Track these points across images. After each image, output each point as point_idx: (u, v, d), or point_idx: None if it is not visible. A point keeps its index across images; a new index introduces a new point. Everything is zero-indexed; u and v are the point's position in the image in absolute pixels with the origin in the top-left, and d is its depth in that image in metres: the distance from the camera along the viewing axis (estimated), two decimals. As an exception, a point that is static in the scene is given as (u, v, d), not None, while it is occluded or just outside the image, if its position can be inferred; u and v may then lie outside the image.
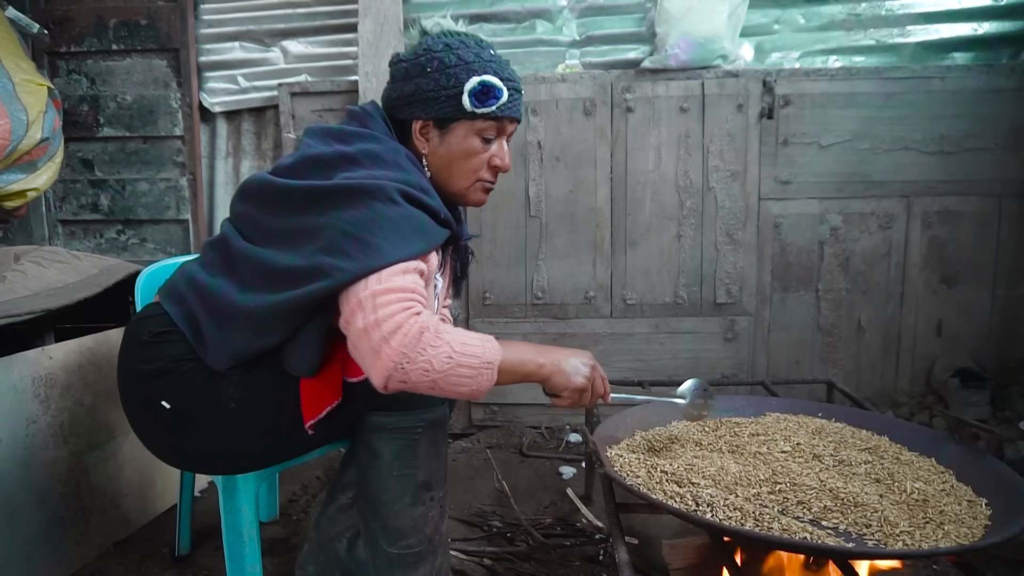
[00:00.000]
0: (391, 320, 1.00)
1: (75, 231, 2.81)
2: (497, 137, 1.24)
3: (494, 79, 1.18)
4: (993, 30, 2.47)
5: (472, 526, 1.84)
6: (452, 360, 1.02)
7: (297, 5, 2.69)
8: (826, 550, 1.03)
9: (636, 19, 2.58)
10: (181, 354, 1.17)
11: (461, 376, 1.03)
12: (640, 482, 1.22)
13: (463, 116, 1.20)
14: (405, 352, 0.99)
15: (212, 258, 1.22)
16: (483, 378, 1.05)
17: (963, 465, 1.31)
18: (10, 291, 1.62)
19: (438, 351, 1.01)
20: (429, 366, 1.01)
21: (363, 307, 1.01)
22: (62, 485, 1.62)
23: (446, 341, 1.02)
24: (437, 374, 1.01)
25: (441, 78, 1.18)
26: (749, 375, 2.50)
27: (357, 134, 1.19)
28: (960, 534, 1.07)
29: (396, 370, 1.00)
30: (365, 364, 1.03)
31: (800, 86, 2.40)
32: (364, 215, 1.06)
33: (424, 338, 1.00)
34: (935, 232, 2.44)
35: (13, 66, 2.17)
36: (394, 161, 1.16)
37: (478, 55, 1.20)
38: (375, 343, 1.00)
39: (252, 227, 1.19)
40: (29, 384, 1.56)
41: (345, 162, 1.14)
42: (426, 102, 1.20)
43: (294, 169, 1.16)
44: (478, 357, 1.04)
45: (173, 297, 1.22)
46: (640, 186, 2.47)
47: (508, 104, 1.21)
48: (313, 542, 1.43)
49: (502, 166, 1.26)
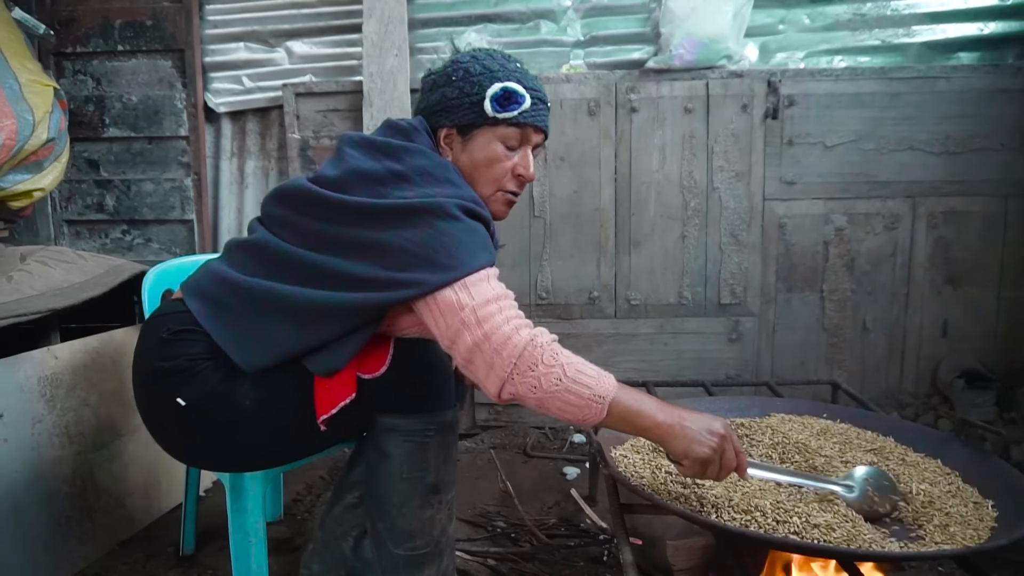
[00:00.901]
0: (498, 332, 1.02)
1: (80, 231, 2.82)
2: (521, 146, 1.24)
3: (516, 86, 1.19)
4: (999, 30, 2.46)
5: (476, 526, 1.84)
6: (561, 384, 1.02)
7: (302, 6, 2.69)
8: (830, 551, 1.02)
9: (640, 19, 2.58)
10: (200, 352, 1.17)
11: (568, 403, 1.03)
12: (645, 482, 1.22)
13: (485, 122, 1.21)
14: (516, 363, 1.01)
15: (243, 260, 1.21)
16: (591, 411, 1.03)
17: (969, 466, 1.31)
18: (16, 291, 1.62)
19: (549, 371, 1.02)
20: (537, 383, 1.02)
21: (467, 325, 1.03)
22: (67, 484, 1.62)
23: (560, 363, 1.02)
24: (544, 394, 1.02)
25: (465, 86, 1.20)
26: (753, 376, 2.49)
27: (406, 149, 1.18)
28: (966, 536, 1.07)
29: (508, 381, 1.02)
30: (480, 376, 1.05)
31: (805, 86, 2.39)
32: (428, 234, 1.07)
33: (535, 352, 1.02)
34: (940, 232, 2.43)
35: (19, 67, 2.17)
36: (445, 177, 1.16)
37: (503, 65, 1.22)
38: (488, 357, 1.02)
39: (292, 230, 1.18)
40: (35, 384, 1.56)
41: (396, 179, 1.14)
42: (450, 109, 1.21)
43: (342, 183, 1.15)
44: (590, 388, 1.03)
45: (199, 295, 1.21)
46: (644, 186, 2.47)
47: (531, 111, 1.21)
48: (318, 541, 1.43)
49: (526, 175, 1.24)
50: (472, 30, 2.63)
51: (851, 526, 1.06)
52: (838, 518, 1.08)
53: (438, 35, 2.67)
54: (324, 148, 2.59)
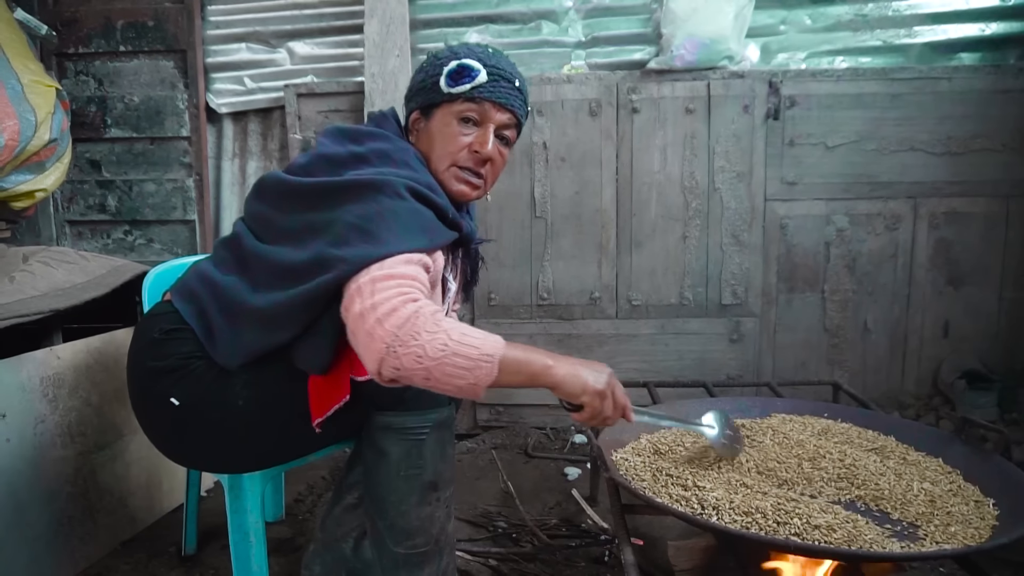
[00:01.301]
0: (387, 303, 0.98)
1: (82, 231, 2.83)
2: (482, 124, 1.22)
3: (472, 61, 1.20)
4: (1000, 30, 2.46)
5: (477, 526, 1.84)
6: (447, 348, 0.97)
7: (303, 6, 2.69)
8: (831, 552, 1.02)
9: (642, 20, 2.58)
10: (191, 352, 1.19)
11: (457, 367, 0.97)
12: (646, 485, 1.22)
13: (442, 99, 1.22)
14: (397, 334, 0.96)
15: (224, 256, 1.24)
16: (481, 371, 0.98)
17: (970, 465, 1.31)
18: (19, 291, 1.63)
19: (434, 337, 0.97)
20: (422, 351, 0.96)
21: (361, 292, 1.01)
22: (70, 484, 1.63)
23: (443, 329, 0.98)
24: (431, 361, 0.96)
25: (428, 67, 1.25)
26: (755, 376, 2.49)
27: (371, 134, 1.23)
28: (967, 535, 1.07)
29: (388, 353, 0.96)
30: (360, 349, 1.01)
31: (806, 87, 2.40)
32: (371, 208, 1.08)
33: (418, 322, 0.97)
34: (942, 233, 2.43)
35: (22, 67, 2.17)
36: (403, 160, 1.18)
37: (469, 48, 1.23)
38: (369, 326, 0.98)
39: (265, 226, 1.21)
40: (37, 384, 1.57)
41: (355, 161, 1.17)
42: (415, 93, 1.26)
43: (308, 167, 1.20)
44: (477, 348, 0.98)
45: (185, 295, 1.23)
46: (646, 187, 2.47)
47: (488, 86, 1.20)
48: (319, 542, 1.44)
49: (481, 151, 1.21)
50: (474, 30, 2.64)
51: (851, 527, 1.06)
52: (839, 519, 1.08)
53: (440, 36, 2.67)
54: (326, 149, 2.59)
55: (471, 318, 2.56)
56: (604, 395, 1.06)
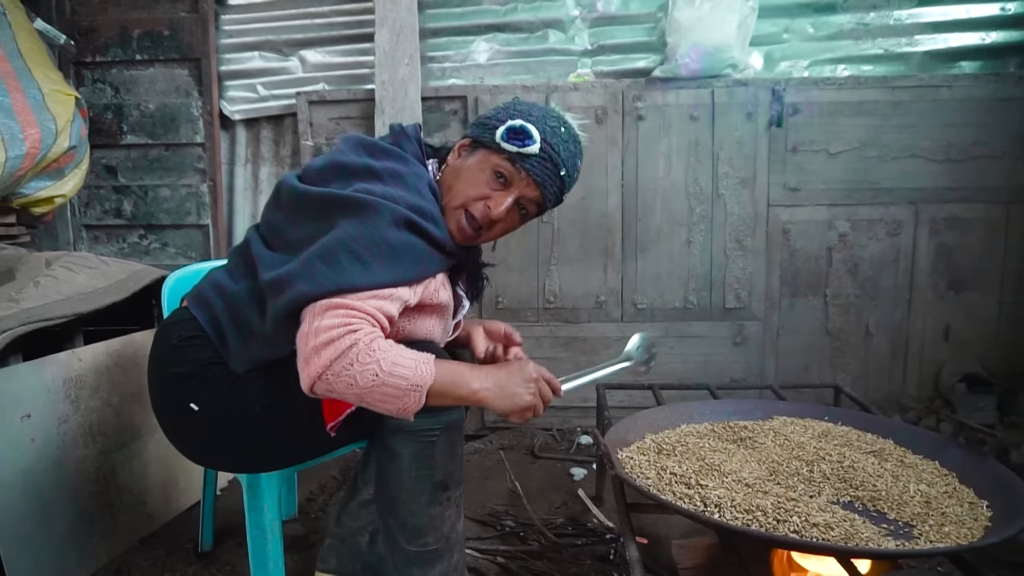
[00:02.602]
0: (326, 333, 1.03)
1: (99, 236, 2.88)
2: (508, 188, 1.24)
3: (534, 129, 1.22)
4: (1001, 39, 2.49)
5: (485, 525, 1.88)
6: (378, 379, 1.03)
7: (315, 15, 2.74)
8: (828, 548, 1.06)
9: (647, 29, 2.62)
10: (209, 358, 1.23)
11: (387, 395, 1.05)
12: (650, 483, 1.26)
13: (490, 145, 1.25)
14: (331, 366, 1.02)
15: (236, 264, 1.28)
16: (409, 399, 1.06)
17: (966, 468, 1.34)
18: (44, 296, 1.68)
19: (365, 368, 1.03)
20: (353, 381, 1.03)
21: (312, 313, 1.06)
22: (91, 483, 1.67)
23: (376, 359, 1.03)
24: (361, 389, 1.04)
25: (501, 113, 1.27)
26: (758, 379, 2.53)
27: (388, 151, 1.25)
28: (960, 535, 1.11)
29: (320, 380, 1.04)
30: (299, 366, 1.06)
31: (809, 94, 2.43)
32: (367, 231, 1.11)
33: (351, 353, 1.02)
34: (943, 239, 2.46)
35: (42, 76, 2.23)
36: (414, 185, 1.21)
37: (543, 116, 1.25)
38: (307, 352, 1.04)
39: (276, 234, 1.24)
40: (60, 385, 1.62)
41: (367, 174, 1.19)
42: (478, 125, 1.30)
43: (322, 172, 1.23)
44: (406, 379, 1.05)
45: (200, 302, 1.28)
46: (651, 193, 2.51)
47: (535, 159, 1.22)
48: (335, 536, 1.47)
49: (492, 209, 1.23)
50: (481, 39, 2.68)
51: (848, 525, 1.10)
52: (836, 518, 1.12)
53: (448, 44, 2.72)
54: (337, 155, 2.64)
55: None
56: (529, 407, 1.16)
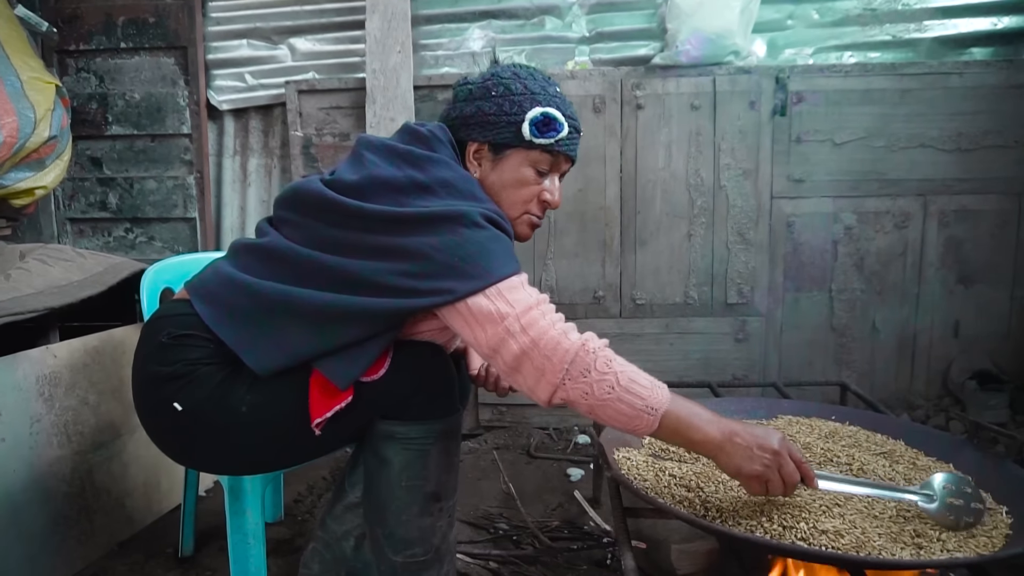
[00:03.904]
0: (546, 337, 1.01)
1: (84, 229, 2.82)
2: (550, 172, 1.24)
3: (557, 113, 1.19)
4: (1013, 24, 2.42)
5: (478, 528, 1.82)
6: (613, 393, 1.00)
7: (304, 2, 2.68)
8: (838, 559, 1.00)
9: (646, 15, 2.55)
10: (199, 357, 1.16)
11: (619, 412, 1.01)
12: (648, 486, 1.20)
13: (520, 144, 1.20)
14: (567, 369, 1.00)
15: (251, 263, 1.19)
16: (642, 422, 1.02)
17: (982, 471, 1.28)
18: (14, 289, 1.62)
19: (603, 378, 1.00)
20: (589, 390, 1.01)
21: (512, 334, 1.02)
22: (66, 484, 1.61)
23: (613, 371, 1.01)
24: (596, 400, 1.01)
25: (505, 103, 1.19)
26: (761, 376, 2.46)
27: (429, 159, 1.16)
28: (979, 543, 1.04)
29: (559, 387, 1.01)
30: (529, 383, 1.04)
31: (814, 82, 2.36)
32: (453, 241, 1.06)
33: (586, 360, 1.01)
34: (952, 231, 2.39)
35: (21, 64, 2.17)
36: (469, 191, 1.15)
37: (544, 88, 1.21)
38: (537, 363, 1.01)
39: (305, 234, 1.16)
40: (33, 383, 1.56)
41: (418, 190, 1.12)
42: (485, 125, 1.20)
43: (361, 190, 1.13)
44: (643, 399, 1.01)
45: (207, 298, 1.18)
46: (650, 184, 2.44)
47: (567, 140, 1.21)
48: (319, 541, 1.41)
49: (552, 202, 1.25)
50: (476, 26, 2.61)
51: (860, 532, 1.03)
52: (846, 524, 1.05)
53: (442, 31, 2.65)
54: (327, 145, 2.58)
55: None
56: (763, 478, 1.01)
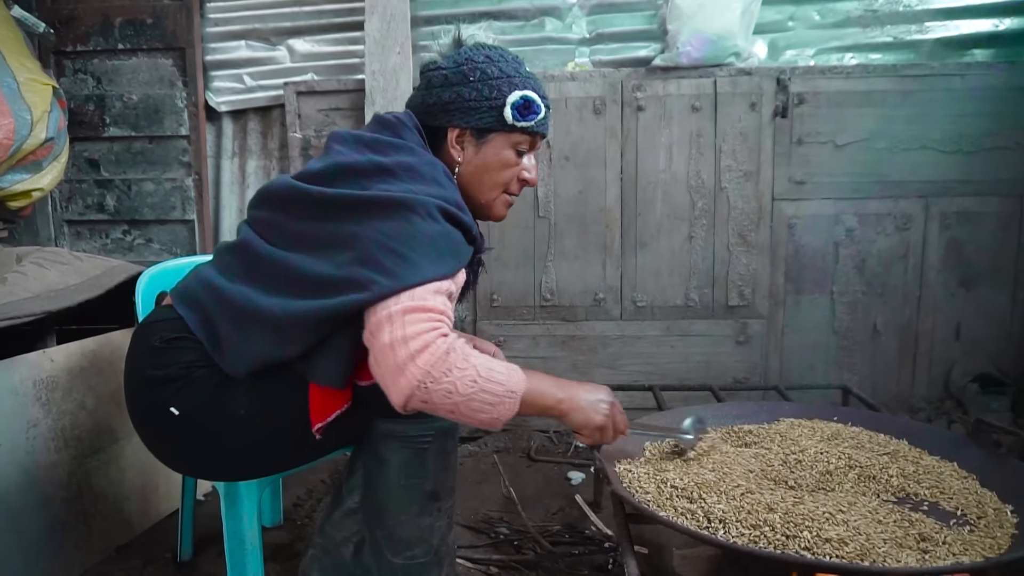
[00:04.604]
0: (419, 338, 0.99)
1: (81, 231, 2.81)
2: (528, 151, 1.28)
3: (534, 95, 1.22)
4: (1015, 26, 2.41)
5: (478, 533, 1.81)
6: (476, 385, 1.01)
7: (303, 3, 2.66)
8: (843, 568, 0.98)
9: (647, 16, 2.54)
10: (192, 360, 1.15)
11: (483, 402, 1.02)
12: (650, 498, 1.18)
13: (502, 128, 1.23)
14: (430, 371, 0.98)
15: (229, 262, 1.20)
16: (504, 407, 1.04)
17: (986, 469, 1.28)
18: (10, 293, 1.60)
19: (464, 373, 1.00)
20: (453, 388, 1.00)
21: (392, 321, 1.00)
22: (63, 489, 1.60)
23: (472, 365, 1.02)
24: (460, 397, 1.00)
25: (484, 88, 1.21)
26: (762, 379, 2.45)
27: (392, 144, 1.18)
28: (986, 546, 1.03)
29: (419, 389, 0.99)
30: (386, 381, 1.01)
31: (815, 84, 2.35)
32: (403, 229, 1.06)
33: (450, 359, 1.00)
34: (954, 233, 2.38)
35: (18, 65, 2.15)
36: (432, 176, 1.15)
37: (517, 70, 1.25)
38: (400, 360, 0.98)
39: (276, 231, 1.17)
40: (30, 387, 1.54)
41: (380, 172, 1.12)
42: (466, 111, 1.21)
43: (324, 176, 1.14)
44: (503, 384, 1.03)
45: (188, 302, 1.19)
46: (651, 186, 2.43)
47: (543, 120, 1.25)
48: (317, 547, 1.41)
49: (531, 179, 1.29)
50: (476, 27, 2.60)
51: (864, 540, 1.02)
52: (850, 531, 1.04)
53: (441, 32, 2.64)
54: (326, 147, 2.57)
55: (473, 319, 2.53)
56: (603, 427, 1.16)
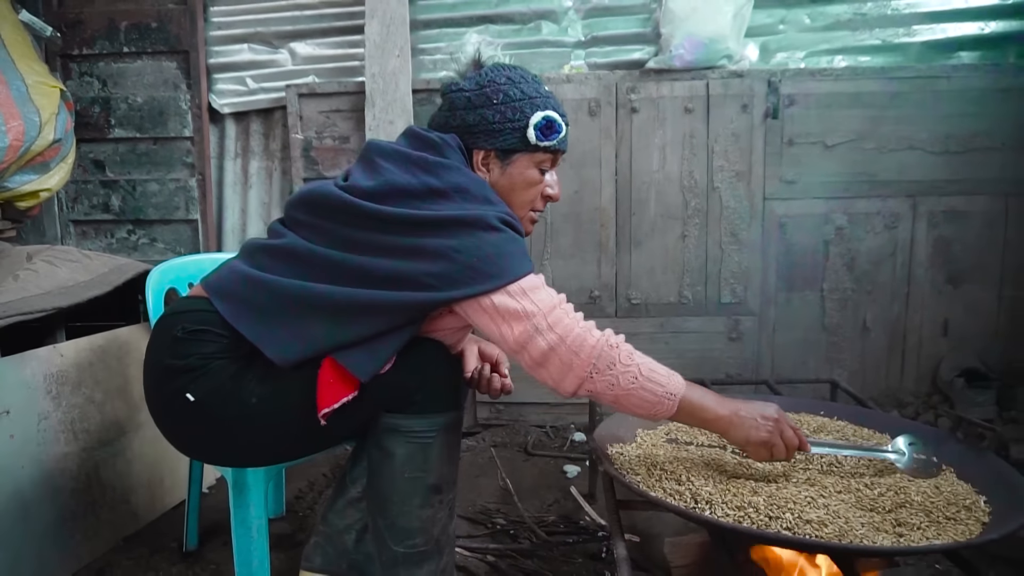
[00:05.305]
0: (572, 334, 1.09)
1: (87, 231, 2.85)
2: (550, 168, 1.32)
3: (555, 115, 1.26)
4: (1000, 29, 2.46)
5: (476, 523, 1.85)
6: (637, 383, 1.10)
7: (305, 7, 2.71)
8: (822, 546, 1.04)
9: (641, 20, 2.59)
10: (213, 352, 1.19)
11: (643, 399, 1.12)
12: (640, 480, 1.23)
13: (526, 148, 1.26)
14: (595, 364, 1.09)
15: (266, 262, 1.23)
16: (663, 407, 1.12)
17: (964, 463, 1.32)
18: (23, 289, 1.65)
19: (627, 370, 1.10)
20: (615, 381, 1.10)
21: (540, 331, 1.10)
22: (73, 481, 1.65)
23: (636, 363, 1.11)
24: (621, 391, 1.11)
25: (507, 111, 1.24)
26: (754, 375, 2.50)
27: (442, 165, 1.20)
28: (957, 531, 1.08)
29: (587, 380, 1.10)
30: (556, 377, 1.11)
31: (805, 86, 2.40)
32: (471, 243, 1.11)
33: (612, 353, 1.10)
34: (941, 232, 2.43)
35: (26, 68, 2.20)
36: (482, 195, 1.19)
37: (538, 91, 1.28)
38: (565, 358, 1.09)
39: (324, 236, 1.20)
40: (41, 381, 1.59)
41: (433, 195, 1.16)
42: (491, 133, 1.25)
43: (378, 195, 1.17)
44: (663, 387, 1.12)
45: (225, 295, 1.22)
46: (645, 186, 2.48)
47: (564, 139, 1.30)
48: (321, 534, 1.44)
49: (554, 196, 1.34)
50: (473, 31, 2.65)
51: (843, 522, 1.07)
52: (830, 514, 1.09)
53: (440, 36, 2.69)
54: (327, 148, 2.62)
55: (471, 317, 2.57)
56: (768, 444, 1.16)
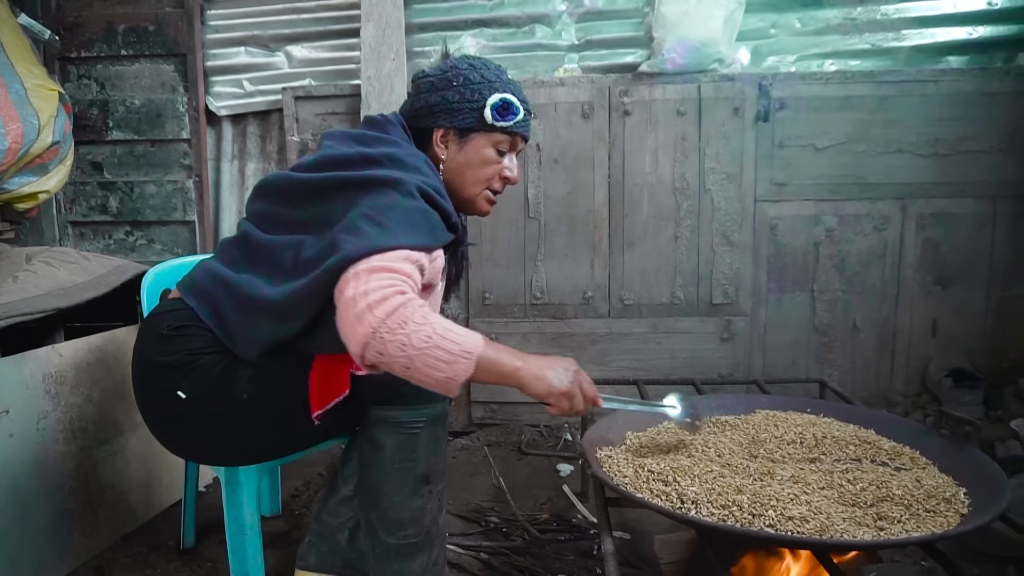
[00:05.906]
0: (379, 291, 1.02)
1: (85, 232, 2.87)
2: (509, 151, 1.37)
3: (513, 98, 1.32)
4: (988, 34, 2.48)
5: (470, 521, 1.88)
6: (431, 341, 1.01)
7: (301, 10, 2.73)
8: (802, 542, 1.06)
9: (634, 24, 2.61)
10: (200, 347, 1.23)
11: (438, 359, 1.02)
12: (627, 481, 1.26)
13: (483, 128, 1.33)
14: (385, 321, 1.00)
15: (233, 255, 1.28)
16: (459, 367, 1.03)
17: (946, 457, 1.34)
18: (22, 291, 1.67)
19: (420, 328, 1.01)
20: (407, 340, 1.00)
21: (357, 278, 1.05)
22: (71, 479, 1.67)
23: (429, 322, 1.03)
24: (414, 351, 1.01)
25: (466, 92, 1.31)
26: (745, 375, 2.52)
27: (378, 139, 1.28)
28: (936, 523, 1.10)
29: (374, 338, 1.00)
30: (346, 331, 1.04)
31: (796, 89, 2.43)
32: (383, 202, 1.15)
33: (406, 311, 1.02)
34: (930, 234, 2.46)
35: (25, 71, 2.22)
36: (413, 165, 1.24)
37: (498, 76, 1.35)
38: (359, 310, 1.01)
39: (272, 221, 1.26)
40: (40, 381, 1.61)
41: (366, 162, 1.22)
42: (450, 112, 1.32)
43: (315, 167, 1.25)
44: (458, 344, 1.03)
45: (197, 293, 1.27)
46: (637, 188, 2.51)
47: (522, 122, 1.35)
48: (314, 533, 1.47)
49: (512, 177, 1.39)
50: (468, 34, 2.67)
51: (824, 517, 1.09)
52: (812, 510, 1.12)
53: (435, 39, 2.71)
54: (323, 151, 2.63)
55: (465, 317, 2.60)
56: (569, 394, 1.14)
